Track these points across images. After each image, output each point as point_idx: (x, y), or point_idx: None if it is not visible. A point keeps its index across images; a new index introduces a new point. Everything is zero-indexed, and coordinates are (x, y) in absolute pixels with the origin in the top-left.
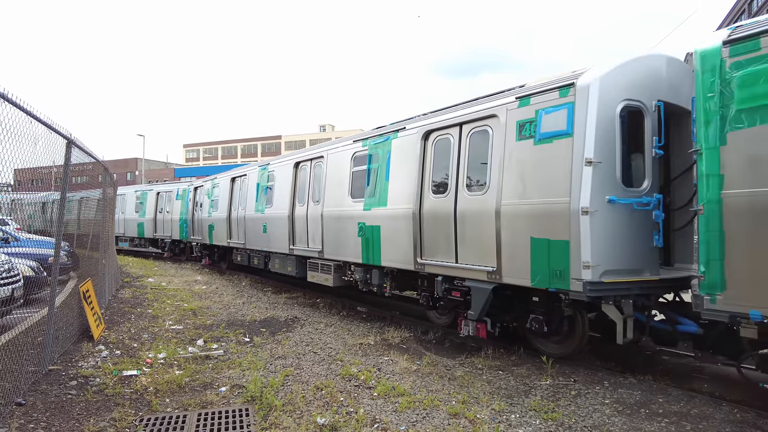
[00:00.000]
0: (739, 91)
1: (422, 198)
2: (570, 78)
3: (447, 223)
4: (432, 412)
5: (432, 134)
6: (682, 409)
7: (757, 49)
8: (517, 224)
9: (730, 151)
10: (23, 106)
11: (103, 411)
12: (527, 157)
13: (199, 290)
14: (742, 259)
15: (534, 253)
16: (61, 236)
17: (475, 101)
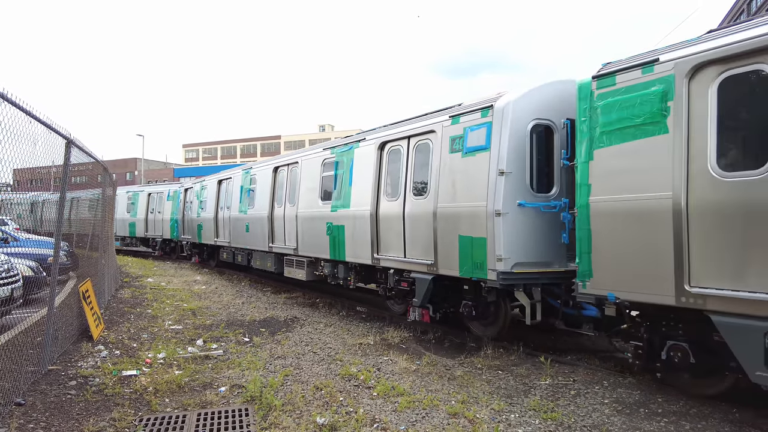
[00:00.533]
0: (602, 117)
1: (378, 201)
2: (490, 101)
3: (397, 224)
4: (431, 411)
5: (386, 145)
6: (682, 409)
7: (614, 84)
8: (449, 224)
9: (596, 166)
10: (23, 106)
11: (102, 411)
12: (457, 167)
13: (199, 290)
14: (604, 252)
15: (461, 249)
16: (61, 236)
17: (422, 117)
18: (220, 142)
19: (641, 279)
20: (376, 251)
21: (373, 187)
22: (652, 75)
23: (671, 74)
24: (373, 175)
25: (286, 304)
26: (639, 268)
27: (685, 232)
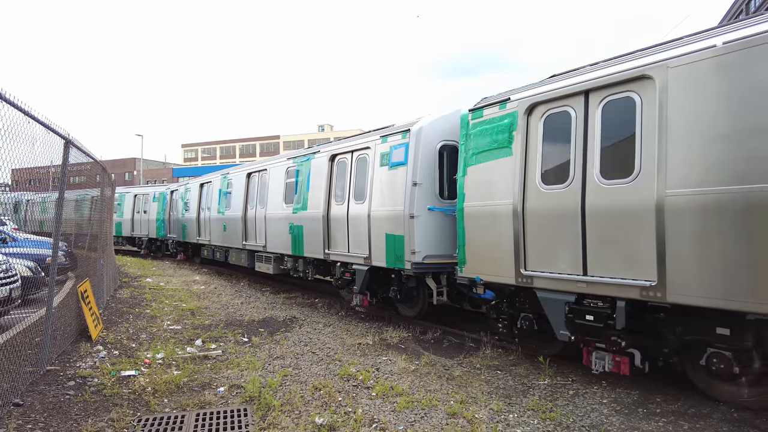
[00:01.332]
0: (473, 141)
1: (329, 205)
2: (408, 125)
3: (343, 224)
4: (430, 411)
5: (336, 157)
6: (680, 409)
7: (482, 116)
8: (379, 224)
9: (468, 179)
10: (21, 106)
11: (101, 411)
12: (385, 178)
13: (198, 290)
14: (472, 245)
15: (387, 244)
16: (59, 236)
17: (363, 135)
18: (219, 142)
19: (495, 265)
20: (328, 247)
21: (325, 192)
22: (505, 110)
23: (516, 111)
24: (325, 182)
25: (285, 304)
26: (494, 256)
27: (522, 230)
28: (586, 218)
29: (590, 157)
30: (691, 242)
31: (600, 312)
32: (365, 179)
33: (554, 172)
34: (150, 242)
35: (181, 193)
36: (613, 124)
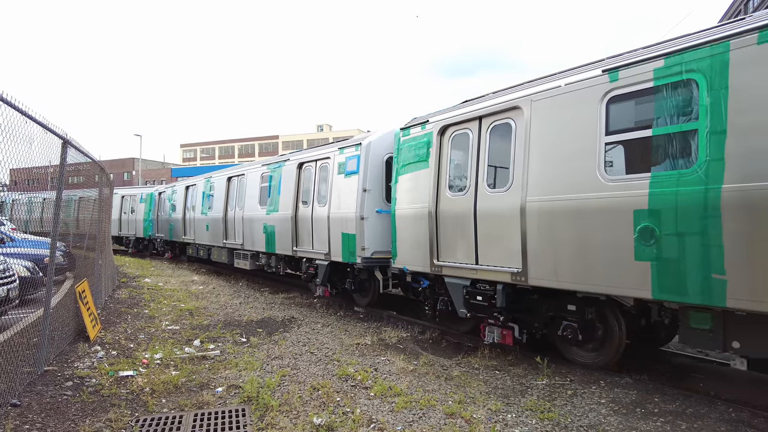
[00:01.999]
0: (402, 155)
1: (297, 207)
2: (360, 139)
3: (308, 225)
4: (429, 412)
5: (303, 165)
6: (678, 409)
7: (409, 134)
8: (337, 225)
9: (399, 187)
10: (18, 106)
11: (99, 412)
12: (342, 185)
13: (196, 290)
14: (401, 241)
15: (343, 242)
16: (57, 236)
17: (325, 146)
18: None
19: (417, 257)
20: (296, 245)
21: (293, 196)
22: (425, 130)
23: (432, 131)
24: (294, 187)
25: (283, 305)
26: (416, 250)
27: (435, 229)
28: (477, 219)
29: (481, 170)
30: (541, 238)
31: (485, 293)
32: (327, 185)
33: (458, 182)
34: (137, 241)
35: (168, 194)
36: (497, 145)
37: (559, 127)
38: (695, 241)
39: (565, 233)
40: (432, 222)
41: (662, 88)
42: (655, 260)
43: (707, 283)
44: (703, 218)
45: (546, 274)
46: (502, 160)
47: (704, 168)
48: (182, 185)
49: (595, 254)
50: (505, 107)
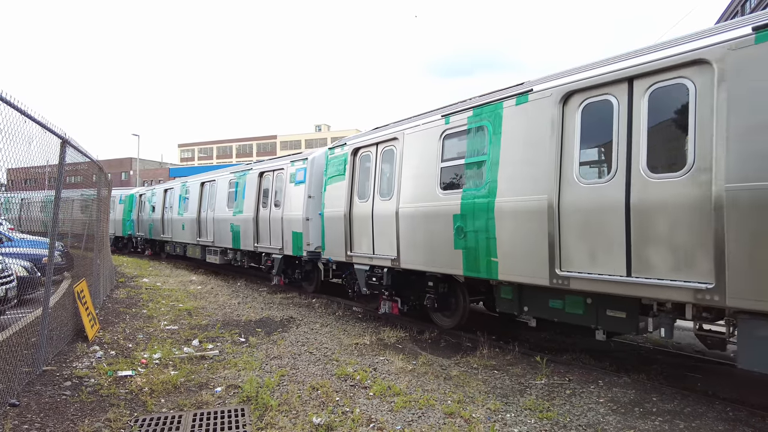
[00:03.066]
0: (329, 168)
1: (258, 209)
2: (308, 155)
3: (266, 224)
4: (428, 411)
5: (263, 174)
6: (676, 408)
7: (333, 153)
8: (288, 224)
9: (327, 194)
10: (17, 105)
11: (97, 412)
12: (293, 192)
13: (194, 290)
14: (327, 237)
15: (293, 239)
16: (56, 236)
17: (280, 158)
18: (216, 142)
19: (337, 248)
20: (257, 242)
21: (255, 200)
22: (343, 151)
23: (347, 151)
24: (255, 192)
25: (282, 304)
26: (336, 244)
27: (349, 227)
28: (374, 220)
29: (377, 183)
30: (406, 234)
31: (378, 275)
32: (281, 191)
33: (363, 191)
34: (116, 240)
35: (148, 196)
36: (386, 164)
37: (418, 154)
38: (483, 236)
39: (419, 230)
40: (347, 222)
41: (471, 130)
42: (464, 249)
43: (489, 264)
44: (487, 220)
45: (410, 260)
46: (389, 176)
47: (488, 186)
48: (161, 188)
49: (434, 245)
50: (390, 137)
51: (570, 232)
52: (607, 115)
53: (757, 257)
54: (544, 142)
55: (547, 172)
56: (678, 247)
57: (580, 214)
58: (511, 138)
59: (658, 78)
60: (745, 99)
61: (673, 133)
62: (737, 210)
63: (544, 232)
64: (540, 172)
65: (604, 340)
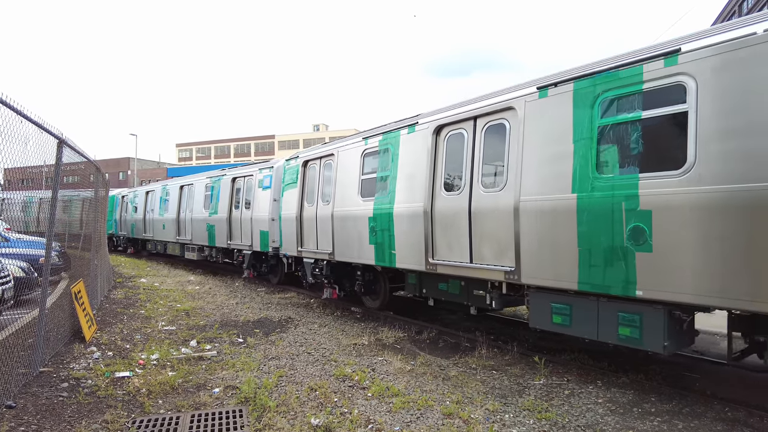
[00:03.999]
0: (286, 177)
1: (231, 210)
2: (273, 163)
3: (238, 224)
4: (426, 412)
5: (235, 179)
6: (674, 408)
7: (289, 164)
8: (257, 224)
9: (283, 199)
10: (13, 105)
11: (95, 413)
12: (260, 196)
13: (192, 291)
14: (284, 235)
15: (261, 236)
16: (52, 236)
17: (250, 165)
18: (214, 142)
19: (291, 245)
20: (230, 239)
21: (228, 202)
22: (297, 162)
23: (299, 163)
24: (228, 196)
25: (280, 305)
26: (290, 241)
27: (300, 227)
28: (317, 221)
29: (320, 190)
30: (337, 232)
31: (320, 267)
32: (251, 195)
33: (310, 197)
34: None
35: (130, 198)
36: (327, 174)
37: (346, 168)
38: (387, 234)
39: (348, 230)
40: (298, 223)
41: (381, 151)
42: (375, 244)
43: (391, 255)
44: (389, 221)
45: (342, 254)
46: (329, 185)
47: (390, 195)
48: (143, 190)
49: (357, 242)
50: (329, 153)
51: (438, 230)
52: (460, 144)
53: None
54: (423, 163)
55: (424, 185)
56: (499, 241)
57: (444, 218)
58: (404, 158)
59: (489, 117)
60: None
61: (497, 158)
62: (526, 215)
63: (422, 231)
64: (419, 185)
65: (475, 314)
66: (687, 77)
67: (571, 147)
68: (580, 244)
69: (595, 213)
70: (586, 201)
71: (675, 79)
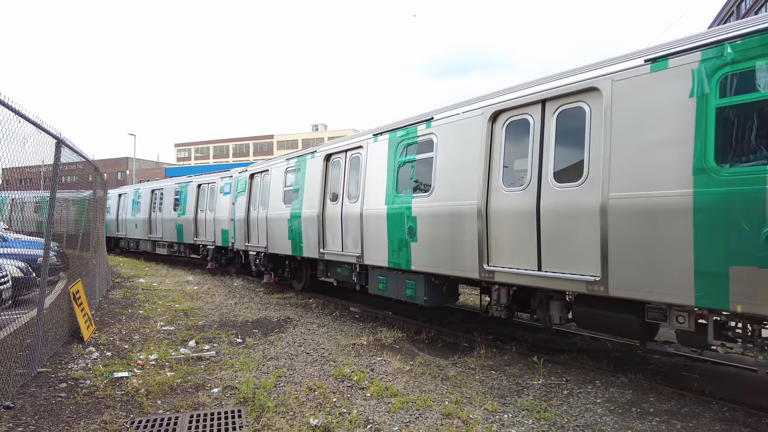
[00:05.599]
0: (238, 186)
1: (197, 212)
2: (234, 172)
3: (203, 224)
4: (425, 412)
5: (200, 185)
6: (673, 408)
7: (241, 176)
8: (219, 224)
9: (236, 204)
10: (12, 105)
11: (93, 414)
12: (221, 200)
13: (191, 291)
14: (236, 234)
15: (222, 234)
16: (51, 236)
17: (213, 173)
18: (213, 142)
19: (241, 241)
20: (195, 236)
21: (194, 204)
22: (245, 174)
23: (247, 176)
24: (194, 199)
25: (278, 305)
26: (240, 238)
27: (247, 226)
28: (258, 222)
29: (258, 198)
30: (271, 229)
31: (261, 258)
32: (213, 199)
33: (261, 202)
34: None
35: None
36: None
37: (276, 181)
38: (297, 232)
39: (276, 228)
40: (245, 223)
41: (296, 169)
42: (291, 239)
43: (300, 248)
44: (299, 222)
45: (274, 247)
46: (264, 193)
47: (300, 203)
48: (115, 193)
49: (282, 238)
50: (265, 169)
51: (326, 229)
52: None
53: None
54: (318, 179)
55: (320, 196)
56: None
57: (328, 220)
58: (309, 176)
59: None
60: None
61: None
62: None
63: (317, 229)
64: (317, 195)
65: (357, 289)
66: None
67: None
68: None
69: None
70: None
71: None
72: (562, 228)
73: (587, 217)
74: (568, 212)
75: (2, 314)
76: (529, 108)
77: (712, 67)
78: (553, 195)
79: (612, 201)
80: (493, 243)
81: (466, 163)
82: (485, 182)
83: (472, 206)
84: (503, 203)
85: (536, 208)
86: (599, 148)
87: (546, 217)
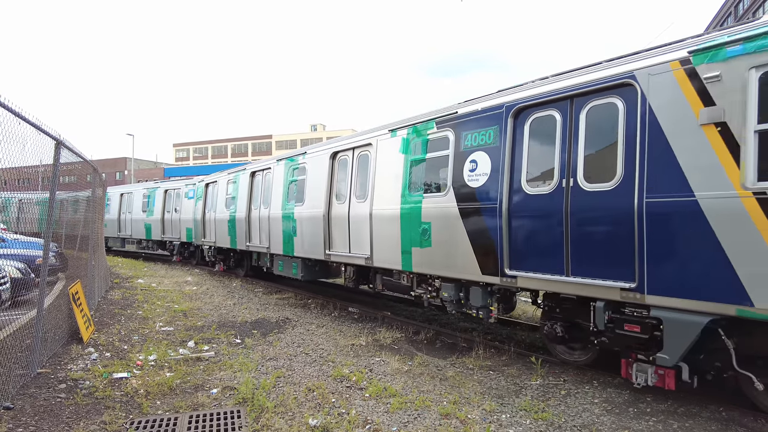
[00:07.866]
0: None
1: (164, 214)
2: (198, 180)
3: (170, 223)
4: (423, 412)
5: (167, 191)
6: (670, 408)
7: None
8: (184, 223)
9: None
10: (11, 107)
11: (93, 414)
12: (186, 203)
13: (190, 291)
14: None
15: (187, 231)
16: (50, 237)
17: (181, 180)
18: (211, 142)
19: (198, 237)
20: (163, 234)
21: (161, 207)
22: (201, 183)
23: (202, 185)
24: (162, 202)
25: (277, 305)
26: (198, 234)
27: (203, 225)
28: (213, 222)
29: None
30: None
31: (212, 251)
32: (180, 202)
33: (207, 207)
34: None
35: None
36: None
37: (221, 190)
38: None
39: (221, 227)
40: (201, 223)
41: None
42: (231, 235)
43: (235, 241)
44: (234, 222)
45: (221, 242)
46: (213, 199)
47: (237, 208)
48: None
49: (225, 233)
50: (214, 180)
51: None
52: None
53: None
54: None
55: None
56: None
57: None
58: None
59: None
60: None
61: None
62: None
63: (244, 229)
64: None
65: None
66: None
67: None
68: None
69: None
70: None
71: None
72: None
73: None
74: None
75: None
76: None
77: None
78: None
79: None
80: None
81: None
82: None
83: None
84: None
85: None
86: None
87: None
